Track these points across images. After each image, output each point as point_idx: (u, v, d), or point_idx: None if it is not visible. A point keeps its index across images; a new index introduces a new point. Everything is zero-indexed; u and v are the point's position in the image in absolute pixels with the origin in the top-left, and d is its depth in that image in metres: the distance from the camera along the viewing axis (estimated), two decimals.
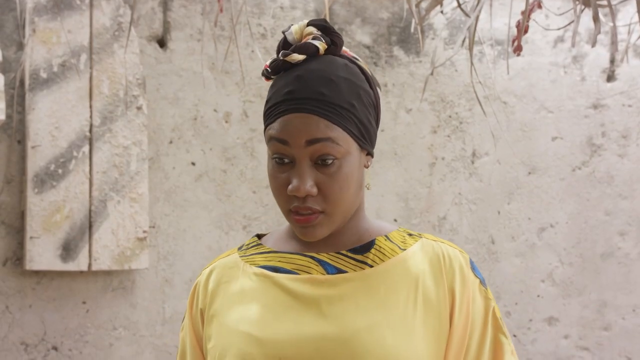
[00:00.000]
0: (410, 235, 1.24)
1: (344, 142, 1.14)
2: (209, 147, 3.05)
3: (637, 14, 2.54)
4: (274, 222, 3.10)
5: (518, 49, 2.56)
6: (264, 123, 1.19)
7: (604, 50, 3.45)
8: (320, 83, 1.14)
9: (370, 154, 1.21)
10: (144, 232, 2.86)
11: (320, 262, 1.19)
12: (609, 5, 2.21)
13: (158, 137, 2.99)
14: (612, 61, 3.46)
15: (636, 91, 3.46)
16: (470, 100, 3.30)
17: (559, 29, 3.12)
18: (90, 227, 2.80)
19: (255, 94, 3.11)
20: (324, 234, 1.17)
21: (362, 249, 1.20)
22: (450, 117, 3.31)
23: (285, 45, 1.18)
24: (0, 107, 2.61)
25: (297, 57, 1.15)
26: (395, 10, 3.28)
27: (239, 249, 1.28)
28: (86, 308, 2.89)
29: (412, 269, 1.19)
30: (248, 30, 2.97)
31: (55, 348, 2.86)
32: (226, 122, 3.08)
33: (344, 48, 1.22)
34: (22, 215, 2.82)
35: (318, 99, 1.13)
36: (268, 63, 1.18)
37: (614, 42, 3.43)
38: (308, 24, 1.18)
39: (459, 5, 2.56)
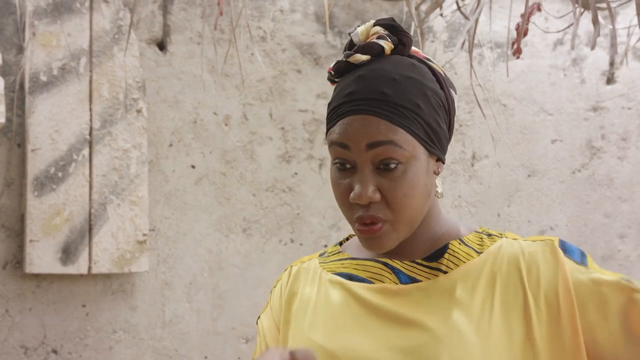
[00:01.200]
0: (489, 235, 1.16)
1: (408, 145, 1.06)
2: (209, 150, 3.05)
3: (636, 17, 2.54)
4: (274, 225, 3.10)
5: (517, 52, 2.56)
6: (326, 127, 1.12)
7: (603, 53, 3.45)
8: (383, 83, 1.07)
9: (440, 159, 1.13)
10: (144, 235, 2.86)
11: (394, 270, 1.14)
12: (608, 8, 2.22)
13: (158, 140, 2.99)
14: (612, 64, 3.46)
15: (636, 94, 3.46)
16: (469, 103, 3.30)
17: (558, 31, 3.12)
18: (90, 230, 2.80)
19: (255, 96, 3.11)
20: (390, 246, 1.10)
21: (435, 256, 1.14)
22: None
23: (350, 46, 1.12)
24: (0, 111, 2.61)
25: (360, 57, 1.09)
26: (394, 13, 3.28)
27: (321, 255, 1.25)
28: (86, 311, 2.89)
29: (488, 272, 1.11)
30: (248, 33, 2.97)
31: (55, 351, 2.86)
32: (226, 125, 3.08)
33: (414, 48, 1.14)
34: (22, 219, 2.82)
35: (379, 99, 1.06)
36: (332, 66, 1.12)
37: (613, 45, 3.43)
38: (375, 24, 1.11)
39: (459, 8, 2.57)
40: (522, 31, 2.50)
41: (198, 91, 3.03)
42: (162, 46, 3.04)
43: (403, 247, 1.14)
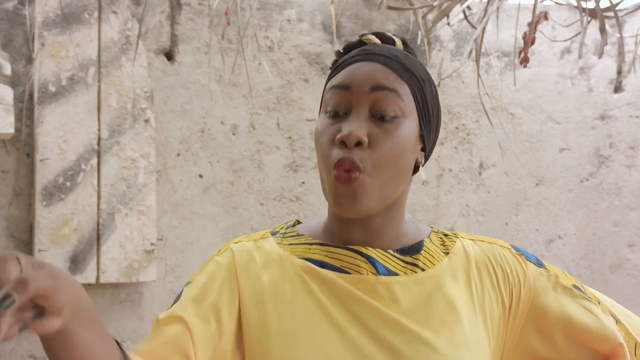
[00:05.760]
0: (446, 235, 1.13)
1: (409, 102, 1.04)
2: (217, 159, 3.06)
3: None
4: None
5: (525, 61, 2.56)
6: (324, 91, 1.10)
7: (611, 62, 3.45)
8: (395, 50, 1.08)
9: (424, 149, 1.09)
10: (152, 244, 2.86)
11: (369, 259, 1.06)
12: (616, 17, 2.22)
13: (165, 150, 3.00)
14: (619, 72, 3.46)
15: None
16: (477, 112, 3.30)
17: (565, 40, 3.12)
18: (98, 239, 2.81)
19: (262, 106, 3.11)
20: (361, 202, 1.02)
21: (411, 251, 1.08)
22: (457, 128, 3.31)
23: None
24: (9, 121, 2.63)
25: (373, 38, 1.11)
26: (401, 22, 3.28)
27: (273, 234, 1.14)
28: None
29: (464, 276, 1.09)
30: (255, 43, 2.98)
31: None
32: (233, 134, 3.08)
33: None
34: (30, 228, 2.83)
35: (391, 57, 1.06)
36: (342, 48, 1.13)
37: (621, 53, 3.43)
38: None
39: (466, 17, 2.57)
40: (529, 40, 2.50)
41: (205, 101, 3.04)
42: (169, 56, 3.05)
43: (373, 234, 1.08)
